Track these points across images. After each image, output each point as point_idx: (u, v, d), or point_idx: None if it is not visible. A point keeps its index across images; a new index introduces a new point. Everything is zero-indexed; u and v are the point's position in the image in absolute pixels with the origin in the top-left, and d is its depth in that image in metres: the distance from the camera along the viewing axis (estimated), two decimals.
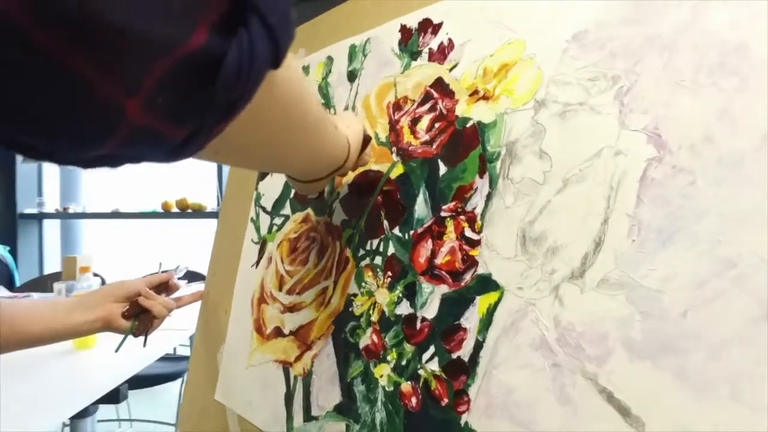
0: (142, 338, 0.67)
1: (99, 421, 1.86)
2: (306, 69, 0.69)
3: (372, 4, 0.62)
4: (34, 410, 0.94)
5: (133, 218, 3.28)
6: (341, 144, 0.43)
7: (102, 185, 3.50)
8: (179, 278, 0.75)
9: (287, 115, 0.31)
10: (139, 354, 1.25)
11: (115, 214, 3.28)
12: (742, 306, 0.28)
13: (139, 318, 0.64)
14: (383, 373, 0.45)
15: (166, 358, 2.10)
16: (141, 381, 1.73)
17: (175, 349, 2.39)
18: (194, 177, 3.12)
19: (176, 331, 1.51)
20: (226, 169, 2.10)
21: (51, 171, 3.44)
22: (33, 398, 1.01)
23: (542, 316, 0.36)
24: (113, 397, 1.23)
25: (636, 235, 0.33)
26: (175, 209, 3.11)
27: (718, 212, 0.30)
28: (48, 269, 3.30)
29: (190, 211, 3.11)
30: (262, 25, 0.18)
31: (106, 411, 2.05)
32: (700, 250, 0.30)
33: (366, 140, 0.48)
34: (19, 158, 3.15)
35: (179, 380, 1.99)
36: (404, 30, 0.55)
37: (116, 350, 0.67)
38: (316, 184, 0.46)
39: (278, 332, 0.59)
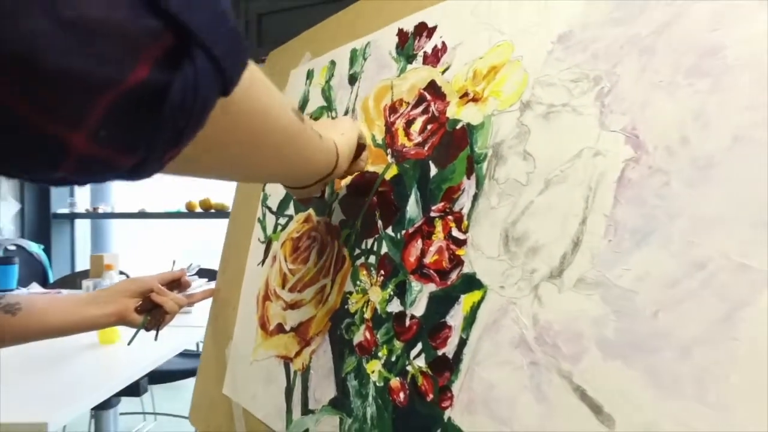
0: (153, 333, 0.70)
1: (123, 413, 1.92)
2: (311, 73, 0.71)
3: (372, 8, 0.63)
4: (60, 400, 0.98)
5: (158, 218, 3.37)
6: (327, 153, 0.43)
7: (130, 187, 3.61)
8: (191, 275, 0.77)
9: (252, 133, 0.31)
10: (159, 349, 1.30)
11: (142, 214, 3.38)
12: (709, 307, 0.28)
13: (152, 313, 0.67)
14: (375, 368, 0.47)
15: (187, 355, 2.16)
16: (163, 376, 1.78)
17: (198, 344, 2.45)
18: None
19: (196, 327, 1.56)
20: None
21: None
22: (60, 389, 1.06)
23: (522, 315, 0.36)
24: (134, 389, 1.27)
25: (612, 235, 0.33)
26: (198, 209, 3.19)
27: (691, 214, 0.30)
28: (79, 267, 3.42)
29: (213, 210, 3.18)
30: (207, 57, 0.19)
31: (130, 405, 2.11)
32: (672, 251, 0.30)
33: (361, 147, 0.50)
34: None
35: None
36: (401, 34, 0.56)
37: (129, 343, 0.70)
38: (307, 190, 0.47)
39: (280, 328, 0.61)
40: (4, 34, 0.14)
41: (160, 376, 1.72)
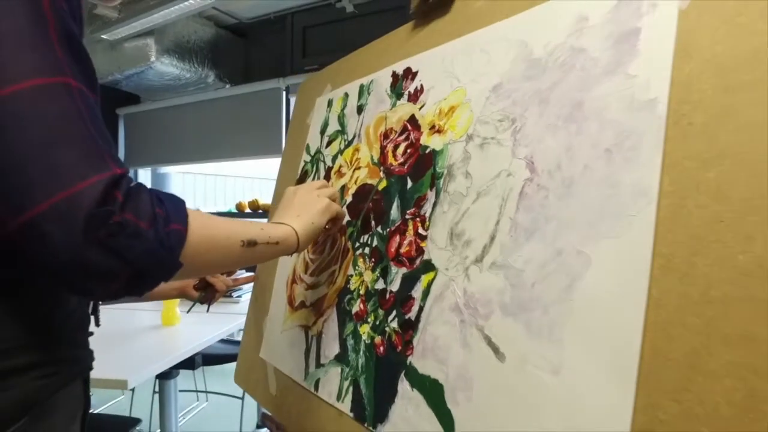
0: (206, 307, 0.89)
1: (182, 390, 2.17)
2: (331, 102, 0.88)
3: (376, 52, 0.79)
4: (134, 366, 1.21)
5: None
6: (284, 247, 0.57)
7: (186, 189, 3.94)
8: None
9: (212, 269, 0.49)
10: (210, 332, 1.51)
11: None
12: (560, 280, 0.42)
13: (206, 290, 0.86)
14: (365, 330, 0.63)
15: (230, 342, 2.40)
16: (212, 359, 2.02)
17: (240, 332, 2.71)
18: (264, 181, 3.43)
19: (239, 315, 1.77)
20: None
21: (143, 178, 3.92)
22: (133, 358, 1.29)
23: (457, 288, 0.52)
24: (190, 363, 1.49)
25: (513, 232, 0.48)
26: (247, 209, 3.45)
27: (558, 218, 0.44)
28: None
29: (261, 211, 3.43)
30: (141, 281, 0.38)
31: (187, 382, 2.37)
32: (545, 243, 0.45)
33: (336, 218, 0.67)
34: None
35: None
36: (394, 75, 0.72)
37: (188, 311, 0.90)
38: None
39: (302, 305, 0.78)
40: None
41: (209, 359, 1.95)
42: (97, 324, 0.55)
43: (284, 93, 3.19)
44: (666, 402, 0.34)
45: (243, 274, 0.96)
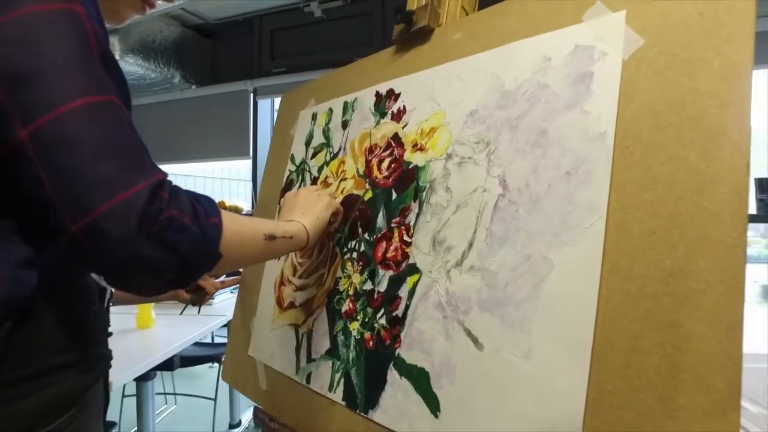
0: (195, 309, 0.94)
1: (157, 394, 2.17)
2: (315, 115, 0.95)
3: (360, 72, 0.86)
4: (111, 371, 1.22)
5: None
6: (297, 242, 0.64)
7: None
8: None
9: (241, 264, 0.56)
10: (186, 333, 1.54)
11: None
12: (528, 280, 0.51)
13: (197, 293, 0.91)
14: (355, 327, 0.70)
15: (204, 344, 2.41)
16: (189, 360, 2.03)
17: (212, 335, 2.71)
18: (232, 183, 3.43)
19: (214, 316, 1.80)
20: (259, 176, 2.39)
21: None
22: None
23: (440, 289, 0.59)
24: (168, 365, 1.51)
25: (488, 240, 0.56)
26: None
27: (527, 229, 0.53)
28: None
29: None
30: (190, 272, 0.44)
31: (158, 386, 2.36)
32: (516, 250, 0.53)
33: (334, 216, 0.73)
34: None
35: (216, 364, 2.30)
36: (377, 95, 0.79)
37: (181, 312, 0.94)
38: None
39: (291, 305, 0.84)
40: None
41: (185, 361, 1.97)
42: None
43: (252, 95, 3.21)
44: (612, 377, 0.43)
45: (229, 277, 1.01)
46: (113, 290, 0.64)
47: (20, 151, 0.37)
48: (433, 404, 0.56)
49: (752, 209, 2.12)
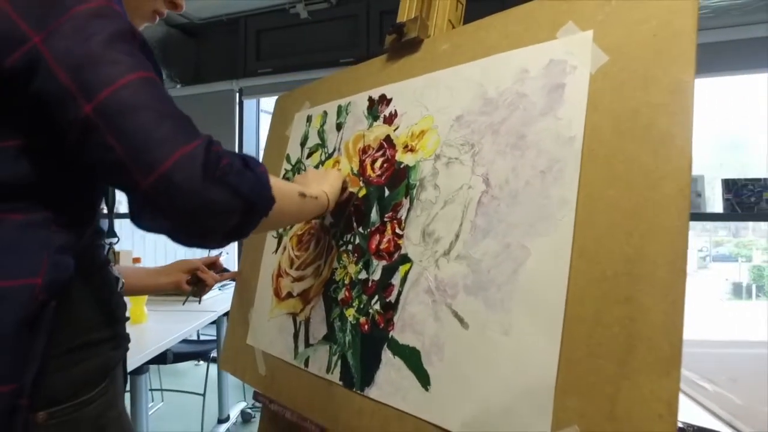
0: (193, 301, 0.99)
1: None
2: (310, 117, 1.00)
3: (353, 77, 0.93)
4: None
5: None
6: (321, 207, 0.72)
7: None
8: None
9: (287, 217, 0.63)
10: (179, 329, 1.59)
11: None
12: (508, 266, 0.58)
13: (198, 285, 0.96)
14: (351, 313, 0.76)
15: (191, 341, 2.45)
16: (181, 356, 2.07)
17: (198, 332, 2.75)
18: None
19: (204, 312, 1.84)
20: None
21: None
22: None
23: (430, 276, 0.66)
24: (162, 359, 1.55)
25: (473, 232, 0.63)
26: None
27: (507, 221, 0.60)
28: None
29: None
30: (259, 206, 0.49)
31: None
32: (497, 240, 0.60)
33: (344, 187, 0.79)
34: None
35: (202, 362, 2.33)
36: (370, 100, 0.86)
37: (183, 303, 0.99)
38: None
39: (289, 295, 0.90)
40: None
41: (177, 357, 2.01)
42: None
43: (237, 95, 3.24)
44: (579, 346, 0.50)
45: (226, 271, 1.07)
46: (123, 281, 0.69)
47: (87, 124, 0.42)
48: (423, 379, 0.63)
49: (719, 208, 2.24)
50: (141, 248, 3.65)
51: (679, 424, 0.75)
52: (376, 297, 0.73)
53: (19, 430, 0.43)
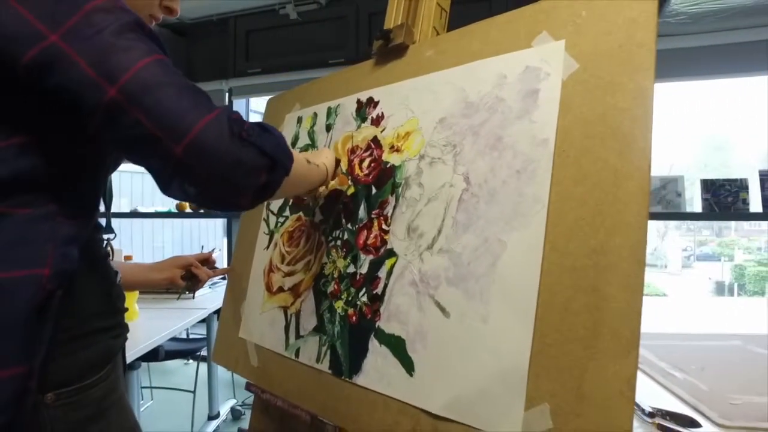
0: (187, 296, 1.01)
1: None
2: (300, 118, 1.04)
3: (342, 80, 0.96)
4: None
5: (151, 217, 3.63)
6: (323, 174, 0.78)
7: (123, 188, 3.86)
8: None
9: (300, 180, 0.66)
10: (170, 325, 1.61)
11: (134, 214, 3.64)
12: (486, 260, 0.62)
13: (191, 280, 0.99)
14: (340, 305, 0.80)
15: (180, 340, 2.46)
16: (171, 354, 2.08)
17: (187, 331, 2.76)
18: None
19: (195, 309, 1.86)
20: None
21: None
22: None
23: (414, 268, 0.70)
24: (154, 355, 1.57)
25: (454, 227, 0.67)
26: (188, 209, 3.47)
27: (485, 217, 0.64)
28: None
29: (201, 211, 3.46)
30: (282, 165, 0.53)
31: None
32: (476, 234, 0.64)
33: (337, 163, 0.83)
34: None
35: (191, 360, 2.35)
36: (359, 102, 0.89)
37: (178, 298, 1.02)
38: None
39: (280, 289, 0.93)
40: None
41: (168, 354, 2.03)
42: None
43: (227, 95, 3.26)
44: (551, 333, 0.54)
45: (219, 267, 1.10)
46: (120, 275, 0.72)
47: (112, 106, 0.46)
48: (408, 366, 0.67)
49: (698, 208, 2.31)
50: (129, 247, 3.65)
51: (649, 409, 0.80)
52: (364, 289, 0.76)
53: (30, 409, 0.46)
